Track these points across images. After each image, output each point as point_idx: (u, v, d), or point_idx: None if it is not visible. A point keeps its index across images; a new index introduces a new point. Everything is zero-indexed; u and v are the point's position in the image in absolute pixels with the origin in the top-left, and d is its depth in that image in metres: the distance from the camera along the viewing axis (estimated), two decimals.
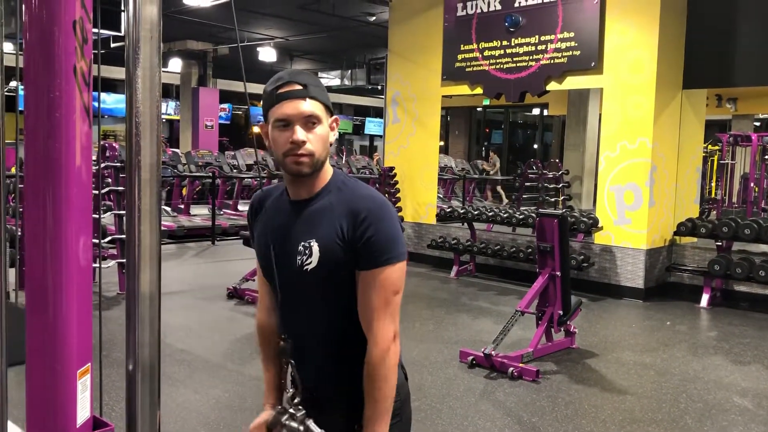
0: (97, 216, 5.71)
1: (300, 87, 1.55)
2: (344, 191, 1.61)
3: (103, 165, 7.00)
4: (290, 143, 1.55)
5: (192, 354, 5.00)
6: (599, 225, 7.46)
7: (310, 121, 1.55)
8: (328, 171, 1.64)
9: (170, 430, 3.70)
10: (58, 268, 0.99)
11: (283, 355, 1.66)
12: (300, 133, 1.54)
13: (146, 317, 0.96)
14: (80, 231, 1.03)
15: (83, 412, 1.04)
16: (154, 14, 0.95)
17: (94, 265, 4.02)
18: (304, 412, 1.61)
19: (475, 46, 8.43)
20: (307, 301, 1.64)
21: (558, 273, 5.22)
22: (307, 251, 1.58)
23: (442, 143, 18.09)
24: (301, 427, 1.59)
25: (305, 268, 1.58)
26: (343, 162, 15.49)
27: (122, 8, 9.08)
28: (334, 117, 1.64)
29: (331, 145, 1.62)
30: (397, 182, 9.23)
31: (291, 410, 1.61)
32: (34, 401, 1.00)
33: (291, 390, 1.63)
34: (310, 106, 1.54)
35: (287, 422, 1.60)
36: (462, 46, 8.56)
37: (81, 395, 1.04)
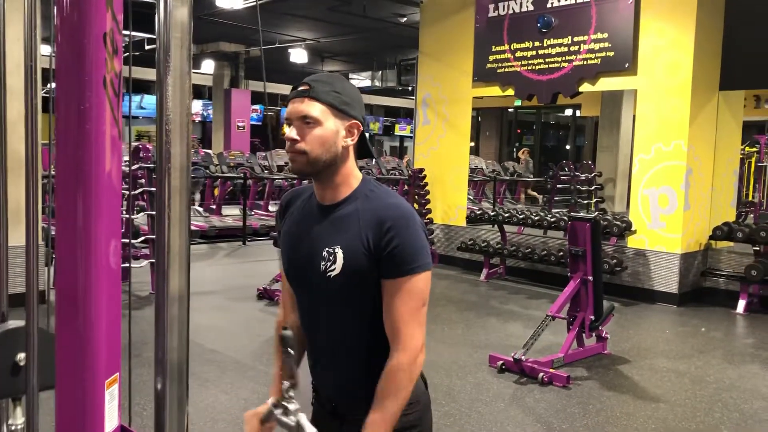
0: (128, 216, 5.76)
1: (306, 87, 1.53)
2: (371, 198, 1.57)
3: (136, 166, 7.07)
4: (287, 140, 1.55)
5: (222, 354, 5.04)
6: (632, 228, 7.34)
7: (305, 122, 1.53)
8: (356, 177, 1.60)
9: (200, 430, 3.73)
10: (87, 275, 0.99)
11: (284, 345, 1.57)
12: (291, 131, 1.53)
13: (175, 320, 0.96)
14: (110, 235, 1.03)
15: (111, 422, 1.04)
16: (185, 18, 0.93)
17: (125, 265, 4.06)
18: (297, 406, 1.57)
19: (506, 47, 8.36)
20: (329, 306, 1.61)
21: (590, 278, 5.14)
22: (331, 257, 1.55)
23: (472, 144, 17.97)
24: (293, 421, 1.56)
25: (328, 274, 1.55)
26: (373, 163, 15.46)
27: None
28: (353, 121, 1.57)
29: (344, 147, 1.57)
30: (426, 184, 9.19)
31: (284, 403, 1.58)
32: (63, 411, 1.00)
33: (287, 383, 1.58)
34: (306, 106, 1.52)
35: (280, 416, 1.59)
36: (493, 47, 8.50)
37: (109, 405, 1.03)
